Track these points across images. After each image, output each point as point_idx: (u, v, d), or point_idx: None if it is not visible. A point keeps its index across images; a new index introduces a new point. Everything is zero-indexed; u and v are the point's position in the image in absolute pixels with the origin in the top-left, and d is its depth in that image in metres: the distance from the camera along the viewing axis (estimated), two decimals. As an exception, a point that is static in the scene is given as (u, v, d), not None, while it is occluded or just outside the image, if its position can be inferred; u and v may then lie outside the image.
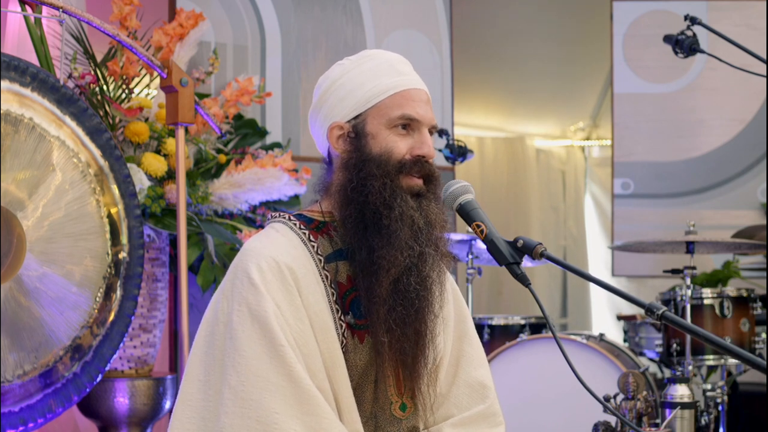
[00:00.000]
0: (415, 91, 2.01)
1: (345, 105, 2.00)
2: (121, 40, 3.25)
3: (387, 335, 1.93)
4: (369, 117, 1.99)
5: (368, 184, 1.95)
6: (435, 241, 1.98)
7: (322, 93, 2.05)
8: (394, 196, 1.95)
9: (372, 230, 1.94)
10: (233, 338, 1.88)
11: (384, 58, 2.04)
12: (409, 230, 1.94)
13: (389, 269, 1.92)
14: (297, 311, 1.92)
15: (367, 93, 1.99)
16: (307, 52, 4.56)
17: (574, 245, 7.07)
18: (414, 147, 1.99)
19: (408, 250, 1.94)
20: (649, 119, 5.56)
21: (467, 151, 4.28)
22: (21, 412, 2.91)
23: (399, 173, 1.97)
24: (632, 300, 1.80)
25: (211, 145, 3.82)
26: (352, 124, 2.00)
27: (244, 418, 1.83)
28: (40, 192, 2.96)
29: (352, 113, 2.00)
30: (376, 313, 1.94)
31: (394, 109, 1.98)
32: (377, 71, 2.01)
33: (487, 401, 2.11)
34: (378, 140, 1.98)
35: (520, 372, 3.79)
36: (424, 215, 1.97)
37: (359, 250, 1.95)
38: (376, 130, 1.98)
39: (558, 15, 6.41)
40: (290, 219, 2.04)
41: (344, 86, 2.01)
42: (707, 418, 3.84)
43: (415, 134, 2.00)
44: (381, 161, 1.96)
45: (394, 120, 1.98)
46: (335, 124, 2.01)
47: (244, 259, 1.95)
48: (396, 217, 1.93)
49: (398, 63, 2.04)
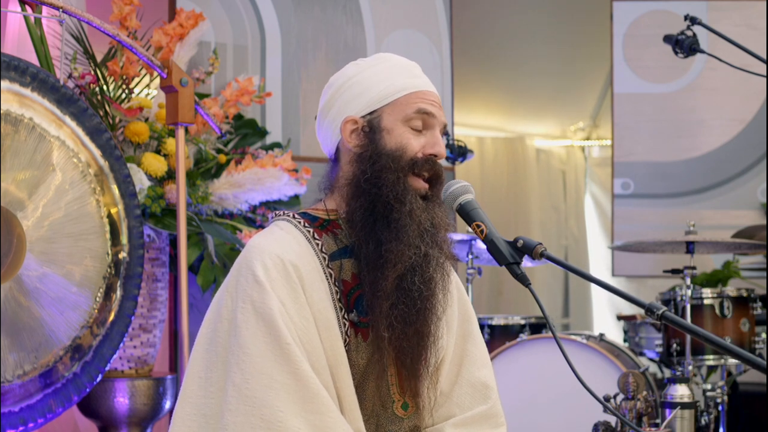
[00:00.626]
0: (430, 93, 2.05)
1: (360, 101, 2.03)
2: (121, 40, 3.25)
3: (388, 331, 1.94)
4: (385, 113, 2.01)
5: (383, 176, 1.96)
6: (440, 244, 1.99)
7: (336, 89, 2.07)
8: (406, 192, 1.97)
9: (381, 223, 1.95)
10: (237, 336, 1.88)
11: (398, 61, 2.09)
12: (417, 228, 1.95)
13: (396, 264, 1.93)
14: (301, 309, 1.92)
15: (384, 90, 2.02)
16: (307, 52, 4.56)
17: (576, 245, 7.07)
18: (426, 146, 2.01)
19: (414, 248, 1.95)
20: (649, 119, 5.56)
21: (467, 151, 4.28)
22: (21, 412, 2.91)
23: (410, 171, 1.99)
24: (632, 300, 1.80)
25: (211, 145, 3.82)
26: (366, 119, 2.02)
27: (248, 416, 1.83)
28: (40, 192, 2.96)
29: (367, 109, 2.02)
30: (379, 307, 1.94)
31: (410, 106, 2.01)
32: (393, 71, 2.05)
33: (489, 402, 2.11)
34: (393, 135, 2.00)
35: (520, 372, 3.79)
36: (431, 217, 1.99)
37: (366, 243, 1.96)
38: (391, 126, 2.00)
39: (558, 15, 6.41)
40: (294, 217, 2.04)
41: (360, 83, 2.04)
42: (707, 418, 3.84)
43: (428, 133, 2.02)
44: (395, 156, 1.98)
45: (411, 115, 2.00)
46: (350, 118, 2.03)
47: (248, 256, 1.95)
48: (407, 213, 1.95)
49: (413, 67, 2.09)
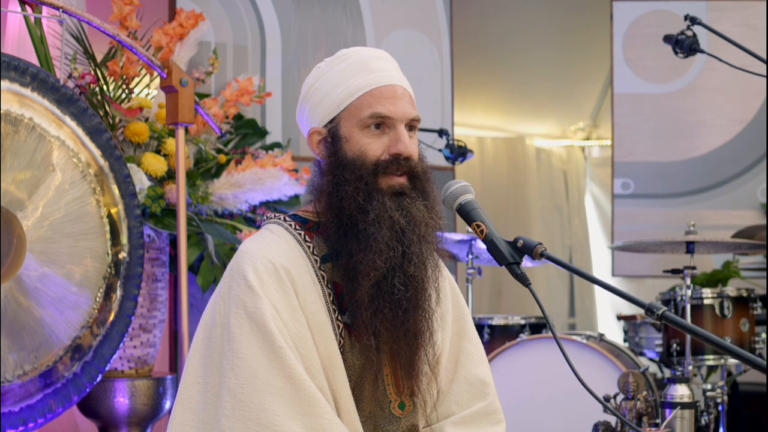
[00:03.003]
0: (387, 87, 1.98)
1: (320, 110, 1.99)
2: (121, 40, 3.25)
3: (373, 338, 1.93)
4: (342, 120, 1.97)
5: (341, 189, 1.93)
6: (421, 238, 1.95)
7: (302, 98, 2.05)
8: (369, 199, 1.92)
9: (350, 235, 1.93)
10: (231, 341, 1.88)
11: (356, 57, 2.01)
12: (388, 231, 1.92)
13: (368, 273, 1.90)
14: (294, 312, 1.91)
15: (339, 96, 1.97)
16: (307, 52, 4.56)
17: (579, 245, 7.07)
18: (390, 146, 1.96)
19: (389, 252, 1.91)
20: (649, 119, 5.56)
21: (467, 151, 4.29)
22: (21, 412, 2.91)
23: (376, 175, 1.94)
24: (632, 300, 1.80)
25: (211, 145, 3.82)
26: (328, 129, 1.99)
27: (244, 420, 1.83)
28: (40, 192, 2.96)
29: (327, 117, 1.99)
30: (360, 317, 1.93)
31: (363, 110, 1.95)
32: (348, 72, 1.99)
33: (487, 398, 2.11)
34: (351, 143, 1.96)
35: (520, 372, 3.79)
36: (406, 214, 1.94)
37: (342, 254, 1.95)
38: (349, 133, 1.96)
39: (558, 15, 6.41)
40: (285, 220, 2.03)
41: (319, 90, 2.00)
42: (707, 418, 3.84)
43: (391, 132, 1.96)
44: (356, 165, 1.94)
45: (365, 120, 1.95)
46: (314, 129, 2.01)
47: (240, 261, 1.94)
48: (371, 221, 1.91)
49: (372, 60, 2.01)
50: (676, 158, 5.54)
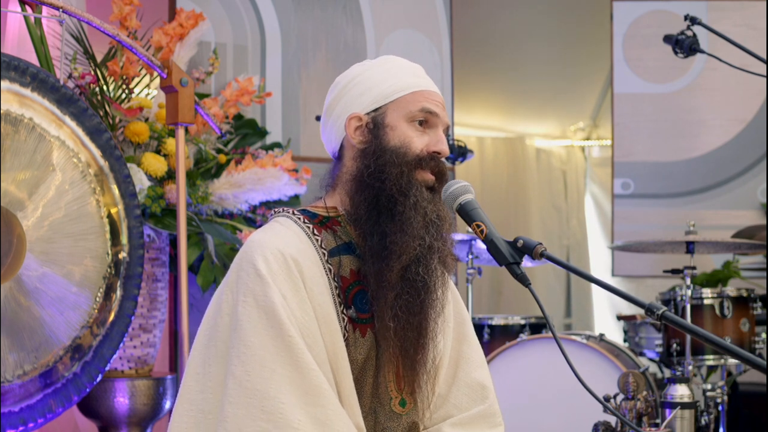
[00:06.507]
0: (433, 93, 2.07)
1: (365, 98, 2.05)
2: (121, 40, 3.25)
3: (393, 321, 1.95)
4: (389, 110, 2.04)
5: (386, 170, 1.98)
6: (444, 237, 2.00)
7: (341, 88, 2.09)
8: (410, 185, 1.98)
9: (386, 216, 1.97)
10: (238, 329, 1.89)
11: (403, 62, 2.12)
12: (422, 220, 1.97)
13: (401, 255, 1.94)
14: (302, 303, 1.93)
15: (389, 88, 2.04)
16: (307, 52, 4.56)
17: (577, 245, 7.07)
18: (430, 144, 2.03)
19: (419, 239, 1.96)
20: (649, 119, 5.56)
21: (467, 151, 4.29)
22: (21, 412, 2.91)
23: (415, 167, 2.00)
24: (632, 300, 1.80)
25: (211, 145, 3.82)
26: (371, 116, 2.04)
27: (249, 408, 1.83)
28: (40, 192, 2.96)
29: (372, 106, 2.04)
30: (384, 298, 1.95)
31: (414, 104, 2.03)
32: (398, 71, 2.07)
33: (486, 402, 2.12)
34: (397, 132, 2.02)
35: (520, 372, 3.79)
36: (437, 209, 2.00)
37: (371, 235, 1.97)
38: (395, 123, 2.02)
39: (558, 15, 6.41)
40: (294, 213, 2.05)
41: (365, 82, 2.07)
42: (707, 418, 3.84)
43: (431, 132, 2.04)
44: (399, 152, 2.00)
45: (414, 114, 2.03)
46: (354, 114, 2.05)
47: (249, 251, 1.96)
48: (411, 206, 1.96)
49: (417, 68, 2.12)
50: (676, 158, 5.54)
